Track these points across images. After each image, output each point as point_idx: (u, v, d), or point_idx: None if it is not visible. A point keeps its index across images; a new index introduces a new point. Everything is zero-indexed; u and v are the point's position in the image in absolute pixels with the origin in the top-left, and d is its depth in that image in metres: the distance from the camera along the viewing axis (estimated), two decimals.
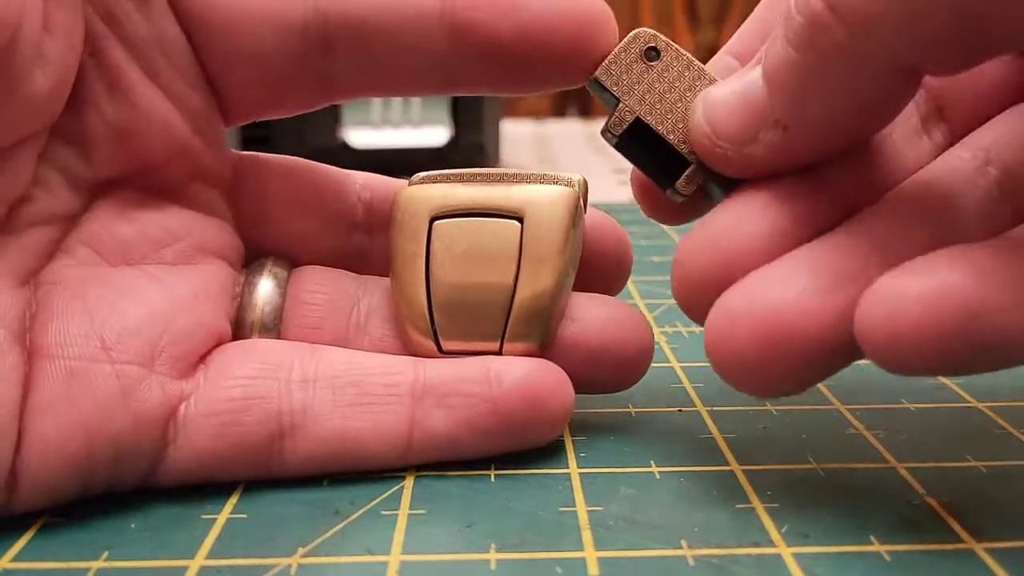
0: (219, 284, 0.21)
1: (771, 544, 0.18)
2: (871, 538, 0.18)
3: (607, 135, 0.21)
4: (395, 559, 0.17)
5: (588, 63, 0.21)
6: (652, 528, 0.18)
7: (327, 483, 0.20)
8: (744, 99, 0.18)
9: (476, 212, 0.22)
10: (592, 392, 0.22)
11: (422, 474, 0.20)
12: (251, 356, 0.20)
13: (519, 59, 0.20)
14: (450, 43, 0.20)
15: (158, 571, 0.17)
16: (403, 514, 0.19)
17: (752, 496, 0.19)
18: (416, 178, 0.23)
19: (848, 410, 0.24)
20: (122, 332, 0.19)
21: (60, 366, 0.18)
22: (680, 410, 0.24)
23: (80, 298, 0.19)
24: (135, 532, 0.18)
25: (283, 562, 0.17)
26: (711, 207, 0.20)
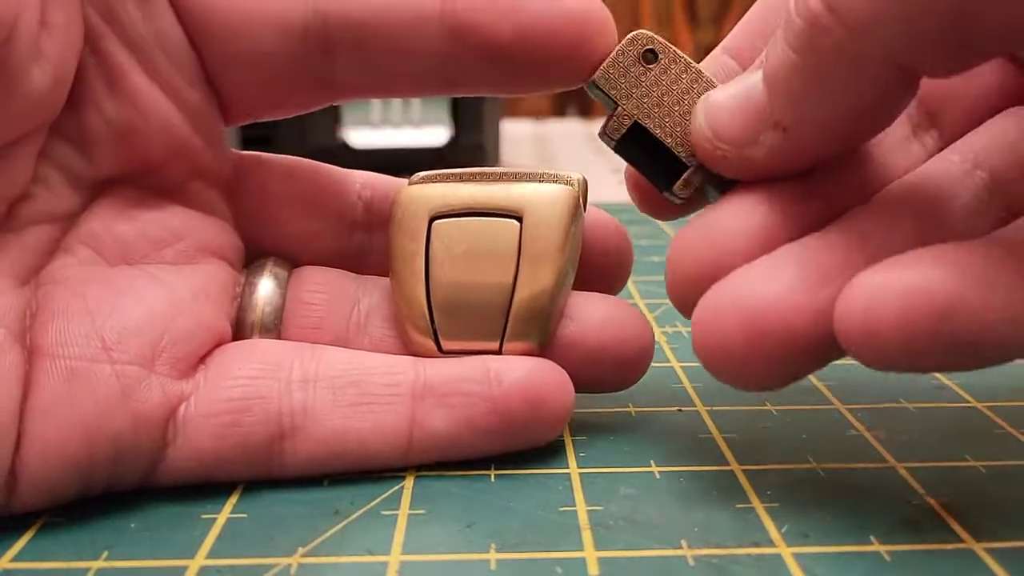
0: (219, 284, 0.21)
1: (771, 544, 0.18)
2: (871, 538, 0.18)
3: (605, 138, 0.21)
4: (395, 559, 0.17)
5: (587, 65, 0.20)
6: (652, 528, 0.18)
7: (327, 483, 0.20)
8: (745, 102, 0.18)
9: (476, 212, 0.22)
10: (593, 391, 0.22)
11: (422, 474, 0.20)
12: (251, 356, 0.20)
13: (519, 60, 0.20)
14: (450, 45, 0.20)
15: (158, 571, 0.17)
16: (403, 514, 0.19)
17: (752, 496, 0.19)
18: (416, 177, 0.23)
19: (848, 410, 0.24)
20: (122, 332, 0.19)
21: (60, 366, 0.18)
22: (680, 410, 0.24)
23: (80, 298, 0.19)
24: (135, 532, 0.18)
25: (283, 562, 0.17)
26: (706, 204, 0.20)
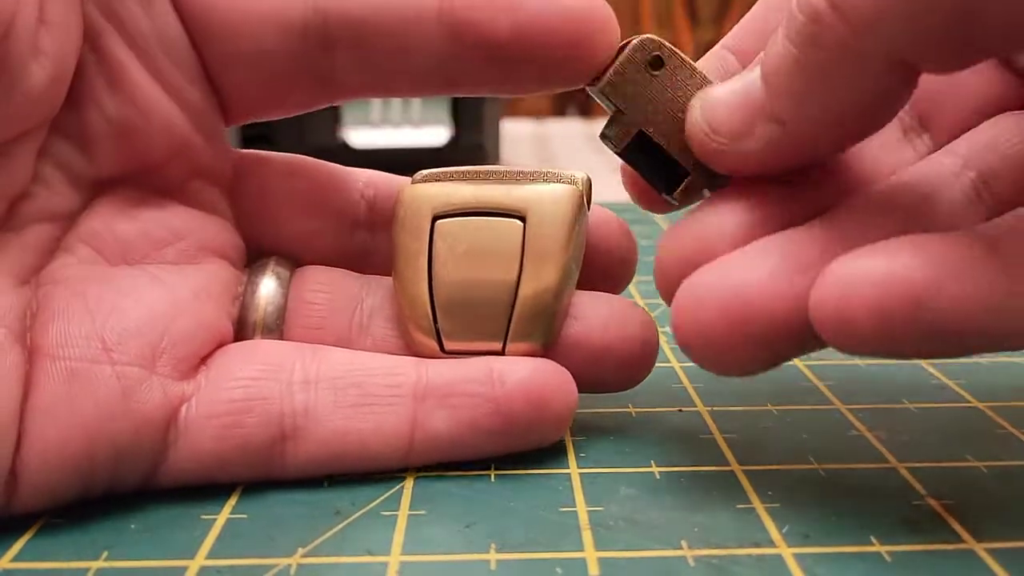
0: (221, 284, 0.21)
1: (772, 544, 0.18)
2: (872, 538, 0.18)
3: (608, 143, 0.21)
4: (395, 559, 0.17)
5: (588, 65, 0.20)
6: (652, 528, 0.18)
7: (327, 483, 0.20)
8: (743, 97, 0.18)
9: (479, 211, 0.21)
10: (597, 392, 0.22)
11: (422, 474, 0.20)
12: (252, 357, 0.20)
13: (517, 59, 0.20)
14: (449, 43, 0.20)
15: (158, 571, 0.17)
16: (403, 514, 0.19)
17: (753, 496, 0.19)
18: (419, 176, 0.23)
19: (849, 410, 0.24)
20: (123, 333, 0.19)
21: (61, 367, 0.18)
22: (681, 410, 0.24)
23: (81, 298, 0.19)
24: (135, 532, 0.18)
25: (283, 562, 0.17)
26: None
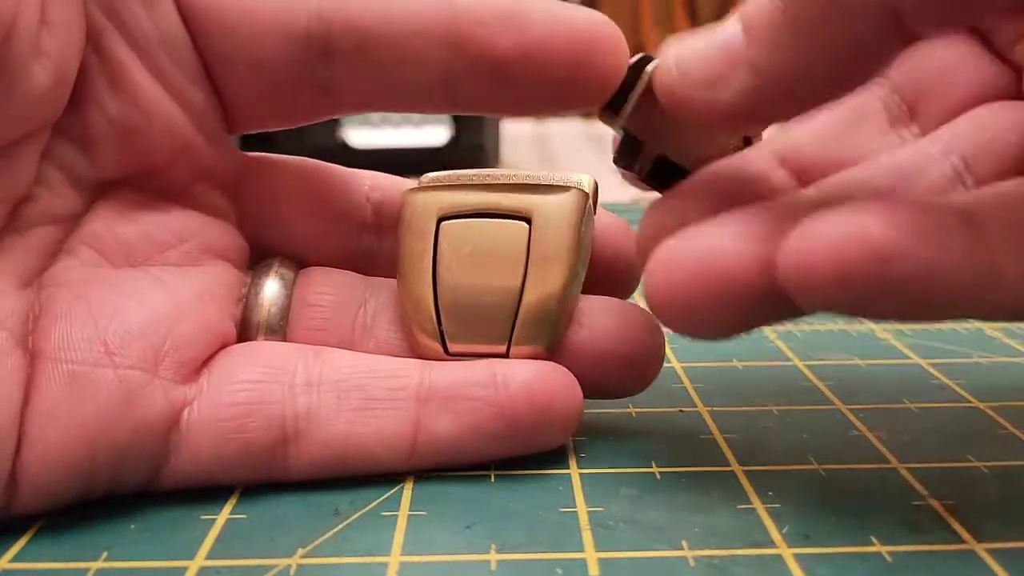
0: (223, 286, 0.21)
1: (772, 545, 0.18)
2: (872, 539, 0.18)
3: (627, 169, 0.21)
4: (395, 560, 0.17)
5: (594, 87, 0.20)
6: (653, 529, 0.18)
7: (327, 484, 0.20)
8: (721, 46, 0.18)
9: (484, 213, 0.21)
10: (602, 397, 0.22)
11: (422, 475, 0.20)
12: (255, 359, 0.20)
13: (522, 79, 0.20)
14: (453, 59, 0.20)
15: (158, 571, 0.17)
16: (403, 515, 0.19)
17: (753, 497, 0.19)
18: (425, 179, 0.23)
19: (850, 410, 0.24)
20: (125, 336, 0.19)
21: (62, 370, 0.18)
22: (681, 410, 0.24)
23: (84, 300, 0.19)
24: (135, 532, 0.18)
25: (283, 563, 0.17)
26: None
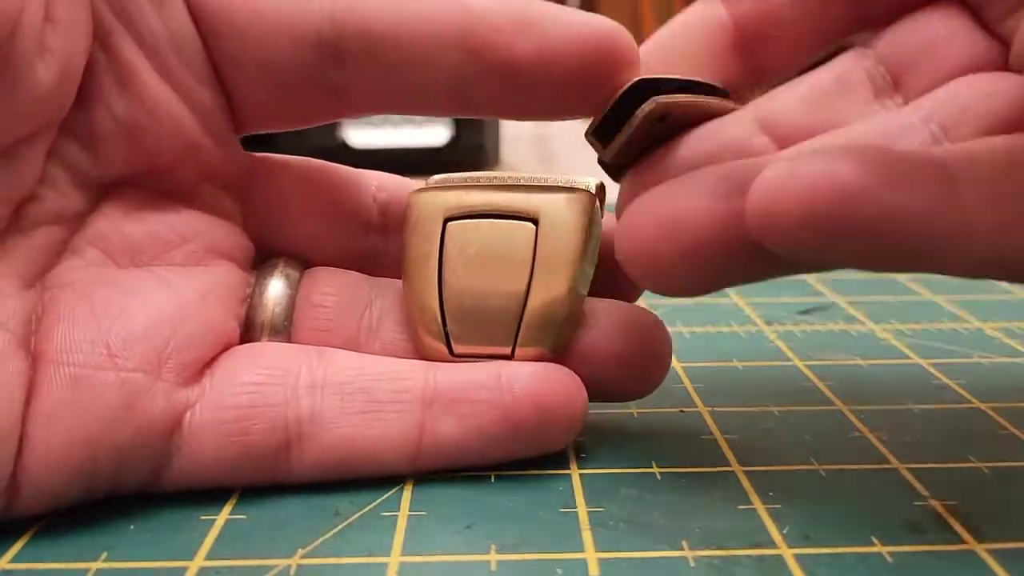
0: (228, 287, 0.21)
1: (773, 545, 0.18)
2: (873, 539, 0.18)
3: (595, 141, 0.21)
4: (395, 560, 0.17)
5: (606, 92, 0.20)
6: (653, 529, 0.18)
7: (327, 484, 0.20)
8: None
9: (491, 214, 0.21)
10: (607, 400, 0.22)
11: (422, 476, 0.20)
12: (258, 361, 0.20)
13: (538, 83, 0.20)
14: (467, 64, 0.20)
15: (157, 572, 0.17)
16: (403, 515, 0.19)
17: (754, 497, 0.19)
18: (432, 180, 0.23)
19: (851, 411, 0.24)
20: (128, 338, 0.19)
21: (64, 373, 0.18)
22: (681, 411, 0.24)
23: (87, 301, 0.19)
24: (134, 533, 0.18)
25: (283, 563, 0.17)
26: None
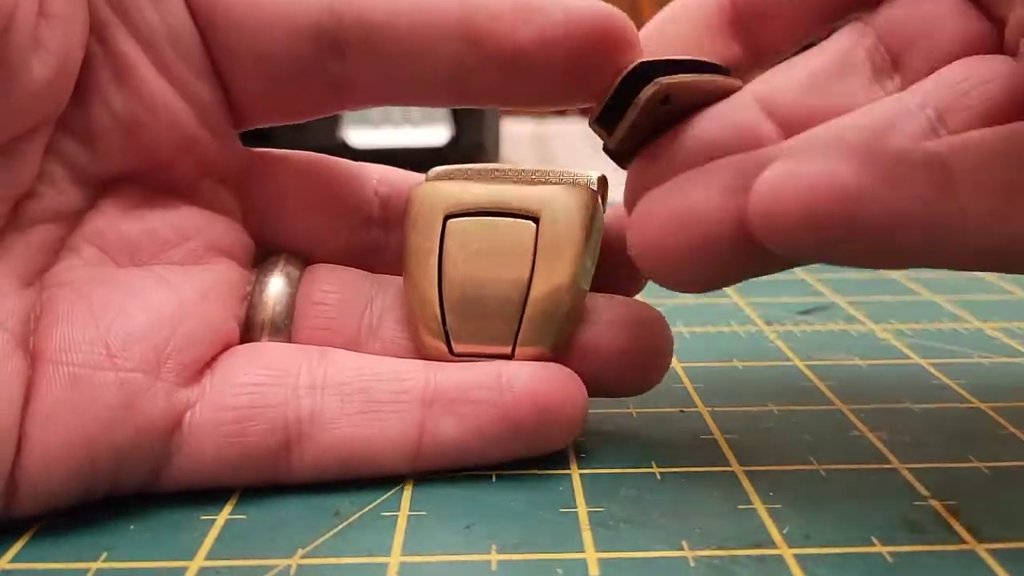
0: (227, 285, 0.21)
1: (773, 545, 0.18)
2: (873, 539, 0.18)
3: (599, 128, 0.21)
4: (395, 560, 0.17)
5: (607, 77, 0.20)
6: (653, 529, 0.18)
7: (327, 484, 0.20)
8: None
9: (491, 211, 0.21)
10: (609, 396, 0.22)
11: (422, 475, 0.20)
12: (258, 361, 0.20)
13: (539, 70, 0.20)
14: (467, 53, 0.20)
15: (157, 572, 0.17)
16: (403, 515, 0.19)
17: (754, 497, 0.19)
18: (432, 173, 0.22)
19: (850, 411, 0.24)
20: (127, 338, 0.19)
21: (63, 372, 0.18)
22: (681, 410, 0.24)
23: (86, 300, 0.19)
24: (134, 533, 0.18)
25: (283, 563, 0.17)
26: None
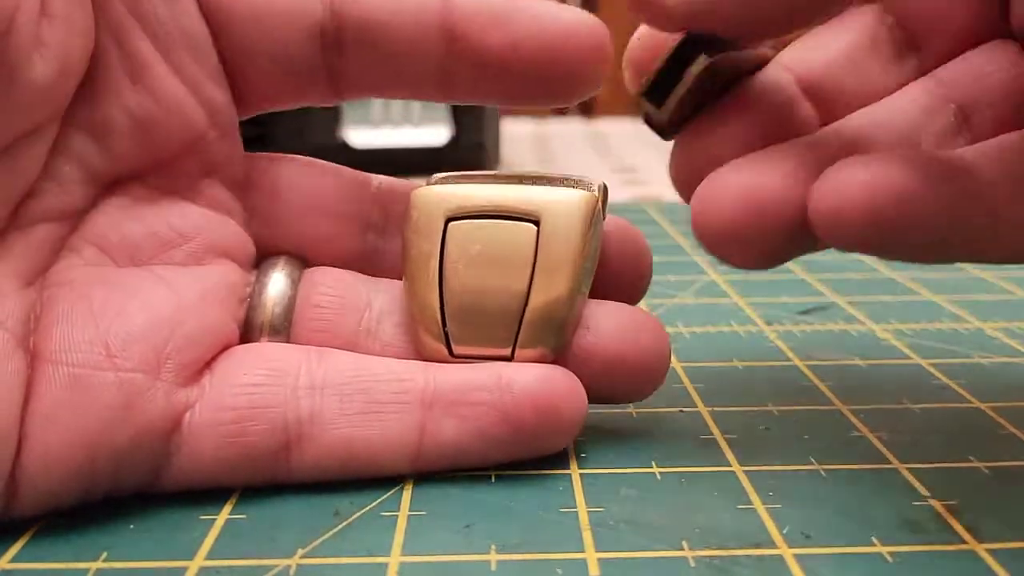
0: (227, 286, 0.21)
1: (772, 545, 0.18)
2: (873, 539, 0.18)
3: (650, 103, 0.21)
4: (395, 560, 0.17)
5: (581, 84, 0.21)
6: (653, 529, 0.18)
7: (327, 484, 0.20)
8: None
9: (492, 214, 0.21)
10: (607, 402, 0.22)
11: (422, 475, 0.20)
12: (257, 362, 0.20)
13: (511, 73, 0.21)
14: (446, 52, 0.21)
15: (157, 572, 0.17)
16: (403, 515, 0.19)
17: (753, 497, 0.19)
18: (434, 178, 0.22)
19: (850, 411, 0.24)
20: (127, 338, 0.19)
21: (63, 373, 0.18)
22: (681, 410, 0.24)
23: (86, 300, 0.19)
24: (134, 533, 0.18)
25: (282, 563, 0.17)
26: None
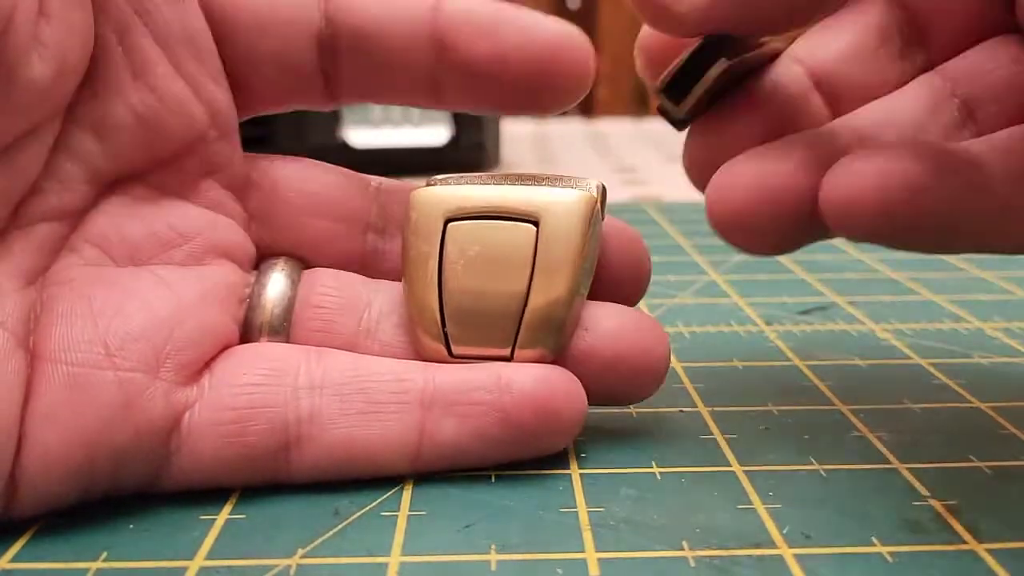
0: (227, 286, 0.21)
1: (772, 545, 0.18)
2: (873, 539, 0.18)
3: (668, 98, 0.21)
4: (395, 560, 0.17)
5: (564, 94, 0.21)
6: (653, 529, 0.18)
7: (327, 484, 0.20)
8: None
9: (491, 215, 0.21)
10: (606, 404, 0.22)
11: (422, 475, 0.20)
12: (257, 361, 0.20)
13: (498, 82, 0.21)
14: (436, 60, 0.21)
15: (157, 572, 0.17)
16: (403, 515, 0.19)
17: (753, 497, 0.19)
18: (433, 180, 0.23)
19: (850, 411, 0.24)
20: (126, 338, 0.19)
21: (63, 372, 0.18)
22: (681, 410, 0.24)
23: (86, 300, 0.19)
24: (134, 533, 0.18)
25: (282, 563, 0.17)
26: None
